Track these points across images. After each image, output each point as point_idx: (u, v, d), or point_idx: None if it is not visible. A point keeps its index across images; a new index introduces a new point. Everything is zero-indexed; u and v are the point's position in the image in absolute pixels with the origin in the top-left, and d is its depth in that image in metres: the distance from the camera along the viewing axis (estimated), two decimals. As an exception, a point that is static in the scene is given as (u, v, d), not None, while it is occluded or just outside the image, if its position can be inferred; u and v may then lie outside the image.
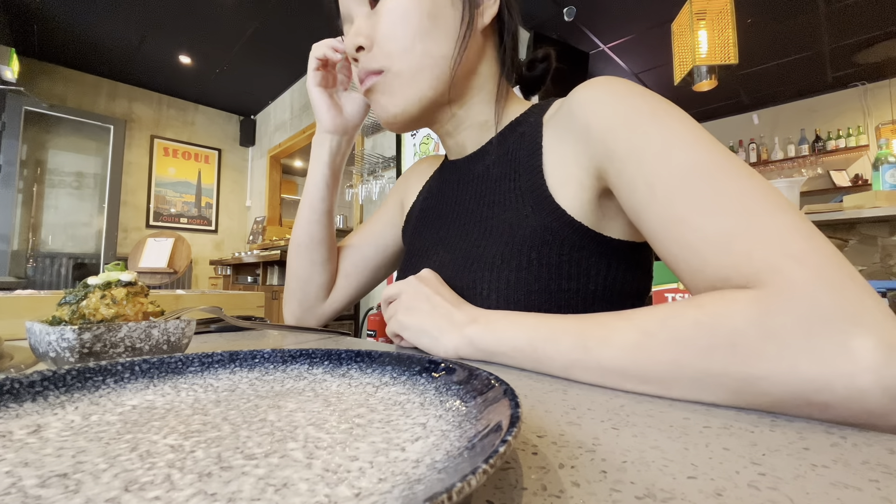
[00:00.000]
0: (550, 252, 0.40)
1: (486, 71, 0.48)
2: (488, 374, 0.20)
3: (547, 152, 0.42)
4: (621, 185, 0.35)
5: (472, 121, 0.50)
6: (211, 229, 4.76)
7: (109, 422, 0.18)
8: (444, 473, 0.12)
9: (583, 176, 0.39)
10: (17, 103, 3.58)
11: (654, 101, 0.35)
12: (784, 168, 4.23)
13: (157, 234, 4.17)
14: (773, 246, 0.24)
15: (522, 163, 0.44)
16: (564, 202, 0.40)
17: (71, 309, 0.34)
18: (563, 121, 0.41)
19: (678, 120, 0.33)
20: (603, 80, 0.39)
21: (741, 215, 0.26)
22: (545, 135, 0.44)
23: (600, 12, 2.98)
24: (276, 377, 0.26)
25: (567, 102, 0.41)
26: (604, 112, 0.36)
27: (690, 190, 0.29)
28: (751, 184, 0.27)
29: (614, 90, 0.37)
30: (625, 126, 0.34)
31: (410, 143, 2.45)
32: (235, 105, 4.81)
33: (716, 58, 2.27)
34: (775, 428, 0.20)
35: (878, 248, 1.55)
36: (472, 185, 0.50)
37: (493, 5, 0.46)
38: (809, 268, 0.22)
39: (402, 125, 0.48)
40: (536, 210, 0.41)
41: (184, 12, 3.18)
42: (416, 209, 0.60)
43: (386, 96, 0.46)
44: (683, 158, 0.30)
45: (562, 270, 0.40)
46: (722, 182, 0.28)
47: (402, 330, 0.40)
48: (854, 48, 3.41)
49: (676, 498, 0.13)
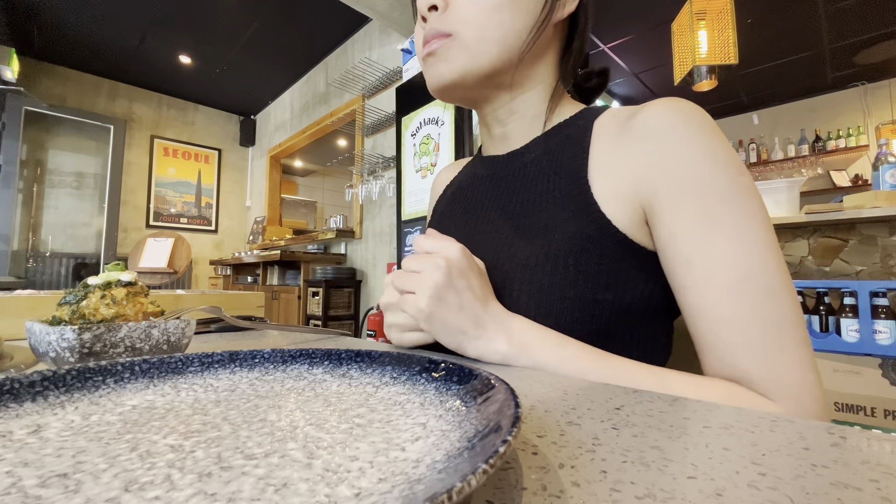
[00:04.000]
0: (589, 260, 0.38)
1: (549, 65, 0.47)
2: (488, 374, 0.20)
3: (595, 159, 0.41)
4: (673, 249, 0.36)
5: (525, 112, 0.48)
6: (211, 229, 4.76)
7: (109, 422, 0.18)
8: (444, 473, 0.12)
9: (632, 198, 0.38)
10: (17, 103, 3.58)
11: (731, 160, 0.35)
12: (784, 168, 4.23)
13: (157, 234, 4.18)
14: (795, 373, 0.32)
15: (565, 165, 0.42)
16: (610, 213, 0.38)
17: (71, 309, 0.34)
18: (626, 135, 0.39)
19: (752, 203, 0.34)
20: (685, 108, 0.37)
21: (780, 338, 0.32)
22: (594, 141, 0.42)
23: (600, 12, 2.98)
24: (276, 377, 0.26)
25: (638, 118, 0.39)
26: (680, 153, 0.35)
27: (744, 295, 0.32)
28: (792, 304, 0.32)
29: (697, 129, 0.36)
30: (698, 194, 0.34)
31: (410, 143, 2.44)
32: (235, 105, 4.81)
33: (716, 58, 2.27)
34: (775, 428, 0.20)
35: (878, 248, 1.55)
36: (505, 181, 0.48)
37: (572, 2, 0.45)
38: (814, 399, 0.32)
39: (452, 93, 0.45)
40: (577, 215, 0.39)
41: (184, 12, 3.18)
42: (442, 203, 0.58)
43: (445, 62, 0.43)
44: (746, 261, 0.33)
45: (599, 280, 0.38)
46: (772, 297, 0.32)
47: (424, 319, 0.36)
48: (854, 48, 3.41)
49: (676, 498, 0.13)
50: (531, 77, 0.46)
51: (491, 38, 0.42)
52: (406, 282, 0.37)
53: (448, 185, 0.60)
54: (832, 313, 1.42)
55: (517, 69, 0.44)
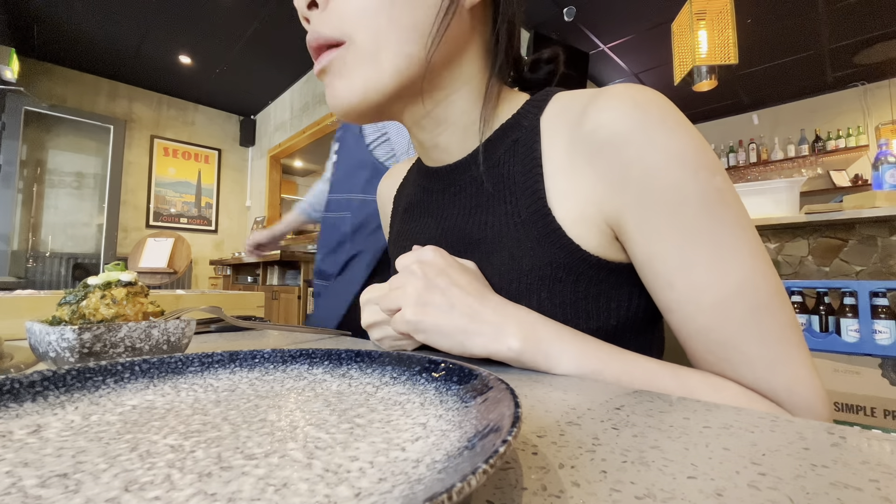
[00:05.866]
0: (564, 290, 0.35)
1: (472, 62, 0.39)
2: (488, 373, 0.20)
3: (551, 177, 0.36)
4: (651, 271, 0.33)
5: (454, 121, 0.40)
6: (211, 229, 4.76)
7: (109, 422, 0.18)
8: (444, 473, 0.12)
9: (598, 218, 0.34)
10: (17, 103, 3.58)
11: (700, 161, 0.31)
12: (784, 168, 4.23)
13: (157, 234, 4.17)
14: (804, 383, 0.30)
15: (518, 183, 0.38)
16: (577, 237, 0.35)
17: (71, 309, 0.34)
18: (580, 147, 0.35)
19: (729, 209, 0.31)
20: (640, 103, 0.32)
21: (781, 348, 0.30)
22: (546, 149, 0.37)
23: (600, 12, 2.99)
24: (276, 377, 0.26)
25: (589, 124, 0.34)
26: (644, 164, 0.31)
27: (734, 314, 0.30)
28: (786, 310, 0.31)
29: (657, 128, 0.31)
30: (669, 210, 0.31)
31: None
32: (235, 105, 4.81)
33: (716, 58, 2.27)
34: (775, 428, 0.20)
35: (878, 248, 1.55)
36: (459, 198, 0.42)
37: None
38: (823, 402, 0.31)
39: (358, 115, 0.37)
40: (542, 243, 0.35)
41: (184, 12, 3.18)
42: (396, 221, 0.52)
43: (342, 79, 0.36)
44: (731, 277, 0.30)
45: (578, 309, 0.35)
46: (765, 309, 0.30)
47: (415, 331, 0.33)
48: (854, 48, 3.41)
49: (676, 498, 0.13)
50: (451, 80, 0.39)
51: (387, 40, 0.34)
52: (390, 301, 0.35)
53: (397, 198, 0.54)
54: (832, 313, 1.42)
55: (428, 73, 0.36)
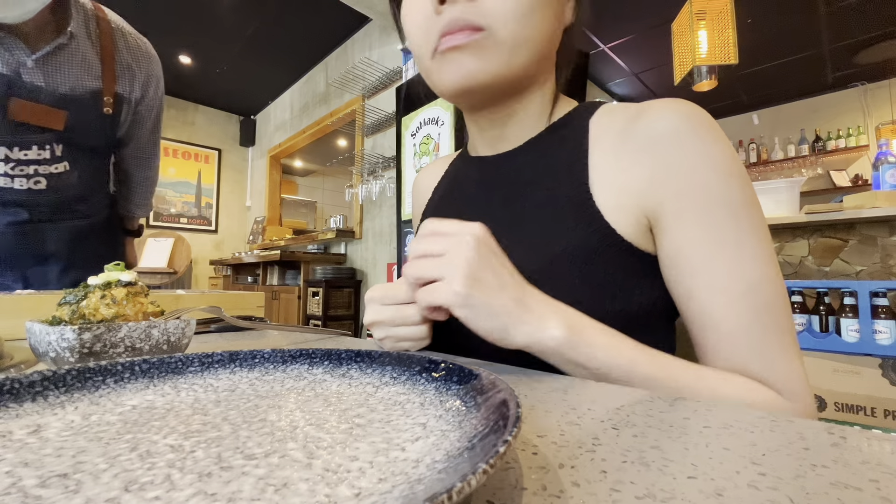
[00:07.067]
0: (595, 271, 0.37)
1: (551, 67, 0.46)
2: (488, 373, 0.20)
3: (596, 166, 0.40)
4: (677, 260, 0.36)
5: (526, 114, 0.45)
6: (211, 229, 4.76)
7: (109, 422, 0.18)
8: (444, 473, 0.12)
9: (637, 208, 0.37)
10: (17, 103, 3.58)
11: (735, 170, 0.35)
12: (784, 168, 4.23)
13: (157, 234, 4.18)
14: (797, 377, 0.34)
15: (562, 169, 0.41)
16: (614, 222, 0.37)
17: (71, 309, 0.34)
18: (629, 142, 0.38)
19: (754, 217, 0.35)
20: (688, 113, 0.36)
21: (781, 344, 0.34)
22: (593, 143, 0.41)
23: (600, 12, 2.98)
24: (276, 377, 0.26)
25: (640, 124, 0.38)
26: (686, 165, 0.35)
27: (747, 307, 0.34)
28: (787, 312, 0.34)
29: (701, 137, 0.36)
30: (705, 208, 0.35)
31: (410, 143, 2.44)
32: (235, 105, 4.81)
33: (716, 58, 2.27)
34: (775, 428, 0.20)
35: (878, 248, 1.55)
36: (499, 186, 0.46)
37: (570, 4, 0.44)
38: (811, 397, 0.34)
39: (472, 95, 0.42)
40: (580, 225, 0.38)
41: (184, 12, 3.18)
42: (430, 208, 0.56)
43: (477, 61, 0.38)
44: (749, 275, 0.34)
45: (606, 291, 0.37)
46: (772, 308, 0.34)
47: (461, 304, 0.30)
48: (854, 48, 3.41)
49: (676, 498, 0.13)
50: (537, 80, 0.44)
51: (527, 39, 0.39)
52: (426, 269, 0.32)
53: (434, 189, 0.57)
54: (832, 313, 1.42)
55: (538, 70, 0.43)
